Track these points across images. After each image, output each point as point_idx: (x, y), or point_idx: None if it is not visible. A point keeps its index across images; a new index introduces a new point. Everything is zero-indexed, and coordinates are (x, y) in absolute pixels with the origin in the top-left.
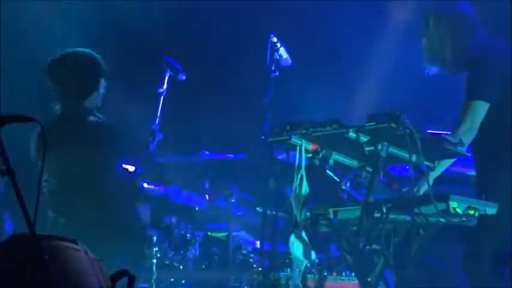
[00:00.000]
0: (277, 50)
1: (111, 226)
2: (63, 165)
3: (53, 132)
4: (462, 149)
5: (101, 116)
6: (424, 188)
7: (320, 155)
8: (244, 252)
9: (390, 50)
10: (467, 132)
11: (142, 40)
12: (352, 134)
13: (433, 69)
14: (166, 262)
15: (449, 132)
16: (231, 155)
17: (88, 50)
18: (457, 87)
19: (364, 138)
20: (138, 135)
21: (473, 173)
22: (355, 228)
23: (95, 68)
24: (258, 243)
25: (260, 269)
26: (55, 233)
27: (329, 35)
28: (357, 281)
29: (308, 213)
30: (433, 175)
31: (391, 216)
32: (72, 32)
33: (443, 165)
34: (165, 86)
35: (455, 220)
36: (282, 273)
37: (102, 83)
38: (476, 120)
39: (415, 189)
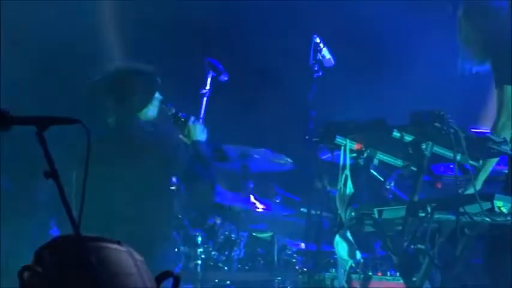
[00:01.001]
0: (320, 50)
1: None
2: (124, 175)
3: (109, 144)
4: (506, 148)
5: (154, 127)
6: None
7: (364, 155)
8: (289, 252)
9: (433, 48)
10: (506, 123)
11: (185, 41)
12: (396, 134)
13: (474, 68)
14: (211, 263)
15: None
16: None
17: (141, 65)
18: None
19: (408, 138)
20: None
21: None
22: (400, 227)
23: (150, 82)
24: (302, 244)
25: (305, 269)
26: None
27: (372, 35)
28: (402, 281)
29: (353, 213)
30: (482, 176)
31: (436, 215)
32: (114, 33)
33: (490, 165)
34: (207, 87)
35: (500, 219)
36: (326, 274)
37: (157, 95)
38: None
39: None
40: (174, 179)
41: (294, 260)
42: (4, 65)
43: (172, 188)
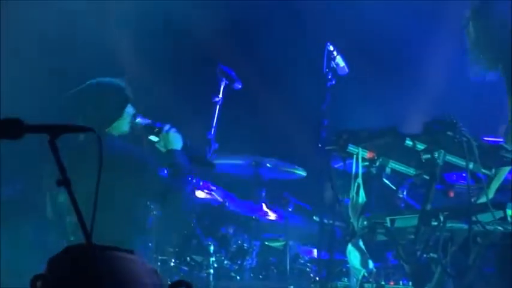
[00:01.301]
0: (334, 58)
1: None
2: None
3: (75, 158)
4: None
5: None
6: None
7: (377, 163)
8: (302, 261)
9: (446, 57)
10: None
11: (198, 49)
12: (408, 142)
13: (484, 72)
14: (223, 272)
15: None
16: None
17: (111, 79)
18: None
19: (420, 146)
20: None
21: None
22: (412, 236)
23: (118, 97)
24: (315, 253)
25: (317, 278)
26: None
27: (385, 43)
28: None
29: (365, 222)
30: (494, 185)
31: (449, 224)
32: (128, 41)
33: (503, 173)
34: (220, 95)
35: None
36: (339, 283)
37: (128, 109)
38: None
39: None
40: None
41: (306, 269)
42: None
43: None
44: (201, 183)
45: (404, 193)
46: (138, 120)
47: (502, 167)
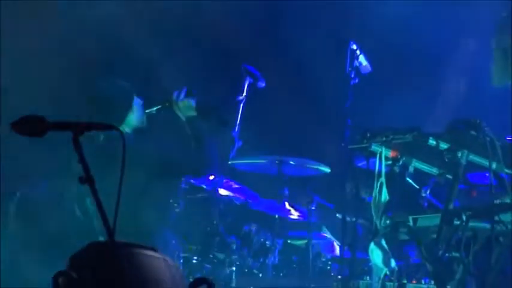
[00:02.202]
0: (357, 57)
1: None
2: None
3: (97, 160)
4: None
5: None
6: None
7: (400, 162)
8: (324, 259)
9: (470, 55)
10: None
11: (222, 48)
12: (432, 142)
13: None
14: (246, 269)
15: None
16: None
17: (114, 78)
18: None
19: (444, 146)
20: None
21: None
22: (434, 235)
23: (122, 92)
24: (337, 251)
25: (339, 276)
26: None
27: (409, 41)
28: None
29: (388, 221)
30: None
31: (471, 223)
32: (152, 39)
33: None
34: (244, 94)
35: None
36: (361, 281)
37: (136, 101)
38: None
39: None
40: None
41: (328, 268)
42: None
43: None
44: (224, 181)
45: (428, 192)
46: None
47: None
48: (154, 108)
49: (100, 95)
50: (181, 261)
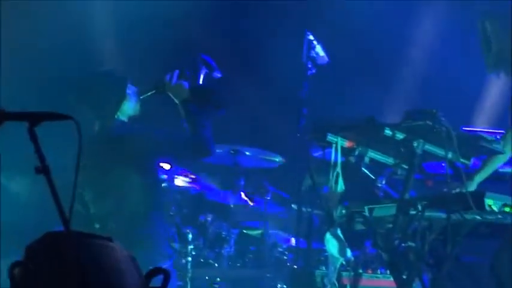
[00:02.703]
0: (314, 47)
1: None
2: (94, 177)
3: (90, 148)
4: (498, 147)
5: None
6: (472, 187)
7: (356, 153)
8: (280, 249)
9: (428, 46)
10: None
11: (178, 37)
12: (388, 132)
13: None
14: (201, 260)
15: (490, 130)
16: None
17: (106, 68)
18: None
19: (400, 136)
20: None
21: (509, 170)
22: (390, 225)
23: (116, 80)
24: (293, 241)
25: (295, 266)
26: None
27: (365, 32)
28: (392, 279)
29: (344, 211)
30: (480, 176)
31: (427, 213)
32: (109, 30)
33: (493, 166)
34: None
35: (490, 217)
36: (317, 271)
37: (130, 89)
38: None
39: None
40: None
41: (284, 257)
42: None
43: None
44: (180, 172)
45: (383, 182)
46: (145, 95)
47: (493, 160)
48: (149, 93)
49: (92, 88)
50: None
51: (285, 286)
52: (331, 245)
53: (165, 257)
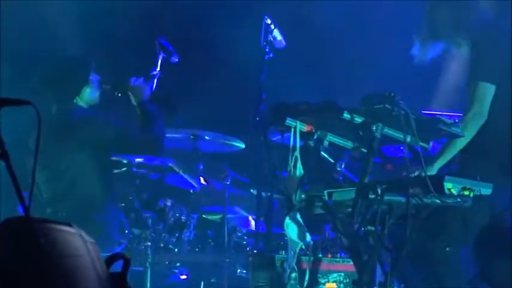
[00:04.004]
0: (271, 31)
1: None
2: (48, 160)
3: (46, 131)
4: (457, 130)
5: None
6: (432, 171)
7: (315, 137)
8: (239, 234)
9: (384, 31)
10: (476, 117)
11: (136, 22)
12: (346, 115)
13: (437, 49)
14: (161, 245)
15: (449, 113)
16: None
17: (72, 54)
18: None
19: (358, 119)
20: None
21: None
22: (350, 209)
23: (81, 66)
24: (252, 225)
25: (255, 251)
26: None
27: (323, 16)
28: (351, 263)
29: (303, 195)
30: (442, 161)
31: (386, 197)
32: (65, 13)
33: (454, 150)
34: (158, 69)
35: (450, 201)
36: (276, 256)
37: (93, 77)
38: (485, 104)
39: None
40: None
41: (244, 242)
42: None
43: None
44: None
45: (342, 166)
46: (105, 86)
47: (452, 142)
48: (109, 86)
49: (55, 70)
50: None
51: (244, 271)
52: (291, 229)
53: (117, 243)
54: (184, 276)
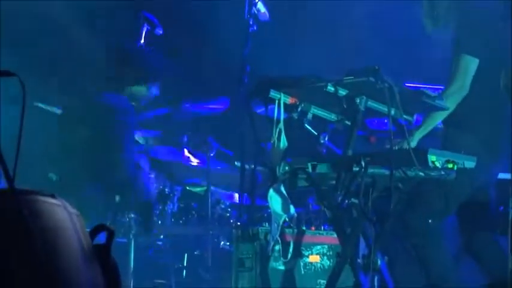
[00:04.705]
0: (255, 4)
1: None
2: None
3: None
4: (441, 103)
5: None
6: (412, 143)
7: (299, 109)
8: (223, 206)
9: (370, 5)
10: (458, 91)
11: None
12: (330, 88)
13: (434, 28)
14: None
15: (432, 86)
16: (210, 106)
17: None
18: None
19: (342, 92)
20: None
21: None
22: (333, 182)
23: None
24: (236, 198)
25: (238, 223)
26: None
27: None
28: (335, 235)
29: (287, 167)
30: (420, 132)
31: (370, 170)
32: None
33: (434, 122)
34: (142, 41)
35: (433, 174)
36: (260, 228)
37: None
38: (467, 77)
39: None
40: None
41: (227, 214)
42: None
43: None
44: None
45: (326, 139)
46: None
47: (432, 116)
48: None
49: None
50: None
51: (228, 243)
52: (275, 201)
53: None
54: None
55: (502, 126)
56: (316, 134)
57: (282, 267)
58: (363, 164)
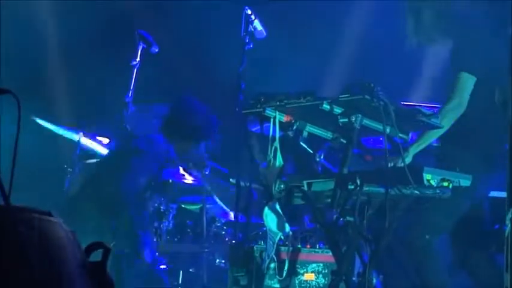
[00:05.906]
0: (252, 22)
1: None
2: None
3: None
4: (436, 121)
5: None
6: (407, 158)
7: (294, 127)
8: (218, 224)
9: (364, 22)
10: (456, 108)
11: (116, 13)
12: (326, 106)
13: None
14: None
15: (428, 105)
16: None
17: None
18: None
19: (338, 110)
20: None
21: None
22: (329, 200)
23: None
24: (231, 216)
25: (234, 241)
26: None
27: (303, 7)
28: (330, 253)
29: (282, 186)
30: (416, 148)
31: (365, 188)
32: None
33: (429, 139)
34: (138, 59)
35: (429, 192)
36: (255, 246)
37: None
38: (465, 95)
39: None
40: None
41: (223, 232)
42: None
43: None
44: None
45: (322, 157)
46: None
47: (428, 134)
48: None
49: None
50: None
51: (223, 261)
52: (270, 219)
53: None
54: (163, 266)
55: (498, 143)
56: (311, 152)
57: (277, 286)
58: (358, 182)
